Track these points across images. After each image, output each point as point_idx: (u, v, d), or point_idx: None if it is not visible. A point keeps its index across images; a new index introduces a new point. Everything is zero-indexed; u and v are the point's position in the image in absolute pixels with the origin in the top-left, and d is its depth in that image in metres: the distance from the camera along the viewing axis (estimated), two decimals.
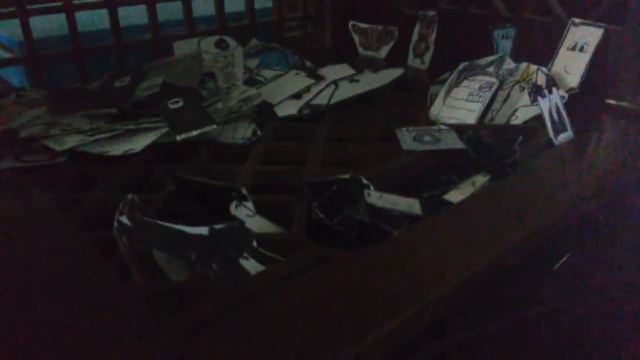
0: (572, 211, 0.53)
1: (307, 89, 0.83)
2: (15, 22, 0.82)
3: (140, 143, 0.65)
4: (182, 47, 0.93)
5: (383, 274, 0.42)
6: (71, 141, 0.64)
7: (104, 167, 0.63)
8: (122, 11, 0.90)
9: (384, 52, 1.06)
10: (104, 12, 0.88)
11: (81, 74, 0.87)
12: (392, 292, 0.40)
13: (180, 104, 0.71)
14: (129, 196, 0.49)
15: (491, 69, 0.77)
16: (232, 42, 0.91)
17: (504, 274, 0.47)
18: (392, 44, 1.05)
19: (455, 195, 0.56)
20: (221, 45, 0.90)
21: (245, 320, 0.38)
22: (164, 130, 0.66)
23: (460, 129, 0.68)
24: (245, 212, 0.51)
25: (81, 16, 0.87)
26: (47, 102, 0.76)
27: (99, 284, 0.42)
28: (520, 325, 0.48)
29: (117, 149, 0.64)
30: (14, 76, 0.95)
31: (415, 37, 1.00)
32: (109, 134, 0.66)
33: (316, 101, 0.81)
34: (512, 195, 0.55)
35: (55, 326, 0.37)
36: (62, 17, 0.85)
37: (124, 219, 0.45)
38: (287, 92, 0.82)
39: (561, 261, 0.55)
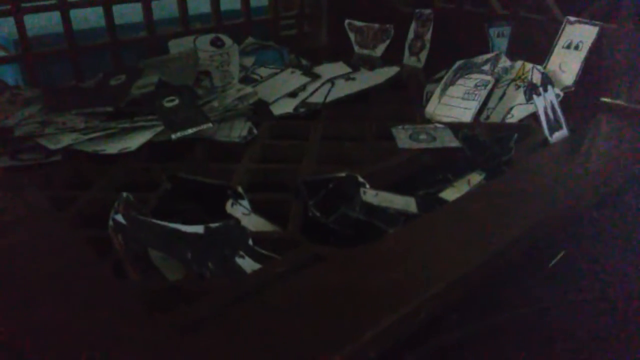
0: (567, 209, 0.53)
1: (303, 87, 0.83)
2: (10, 20, 0.81)
3: (135, 141, 0.64)
4: (177, 46, 0.93)
5: (379, 272, 0.42)
6: (66, 140, 0.64)
7: (99, 165, 0.63)
8: (117, 9, 0.89)
9: (380, 50, 1.06)
10: (99, 10, 0.88)
11: (76, 72, 0.87)
12: (388, 290, 0.40)
13: (176, 102, 0.71)
14: (124, 195, 0.49)
15: (487, 67, 0.78)
16: (227, 41, 0.91)
17: (499, 272, 0.47)
18: (388, 42, 1.05)
19: (450, 194, 0.56)
20: (217, 43, 0.90)
21: (242, 319, 0.38)
22: (160, 128, 0.66)
23: (456, 127, 0.68)
24: (241, 211, 0.51)
25: (76, 14, 0.86)
26: (42, 101, 0.75)
27: (94, 283, 0.42)
28: (515, 323, 0.48)
29: (112, 148, 0.64)
30: (9, 74, 0.95)
31: (411, 35, 1.00)
32: (104, 133, 0.66)
33: (312, 99, 0.81)
34: (507, 193, 0.55)
35: (51, 325, 0.37)
36: (57, 14, 0.85)
37: (120, 218, 0.45)
38: (283, 90, 0.82)
39: (556, 259, 0.56)
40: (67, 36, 0.86)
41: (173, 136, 0.65)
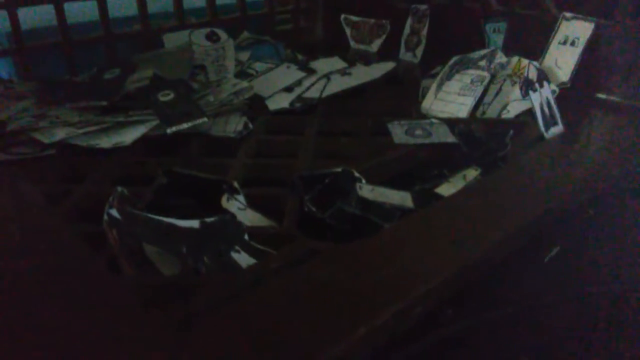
0: (562, 204, 0.53)
1: (299, 82, 0.83)
2: (3, 13, 0.81)
3: (130, 136, 0.64)
4: (172, 40, 0.92)
5: (375, 267, 0.42)
6: (60, 134, 0.64)
7: (94, 159, 0.62)
8: (112, 2, 0.89)
9: (376, 45, 1.06)
10: (93, 4, 0.87)
11: (70, 66, 0.86)
12: (384, 285, 0.40)
13: (171, 96, 0.70)
14: (119, 189, 0.49)
15: (483, 63, 0.78)
16: (223, 35, 0.90)
17: (495, 267, 0.47)
18: (384, 37, 1.05)
19: (446, 189, 0.56)
20: (212, 37, 0.90)
21: (237, 314, 0.38)
22: (155, 122, 0.66)
23: (451, 123, 0.68)
24: (236, 206, 0.51)
25: (70, 7, 0.86)
26: (36, 94, 0.75)
27: (89, 278, 0.42)
28: (512, 318, 0.48)
29: (106, 142, 0.63)
30: (2, 68, 0.94)
31: (407, 30, 1.00)
32: (98, 127, 0.65)
33: (308, 94, 0.81)
34: (502, 188, 0.55)
35: (45, 320, 0.37)
36: (51, 8, 0.84)
37: (114, 212, 0.45)
38: (279, 85, 0.82)
39: (551, 254, 0.56)
40: (61, 30, 0.85)
41: (168, 130, 0.64)
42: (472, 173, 0.58)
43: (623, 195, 0.61)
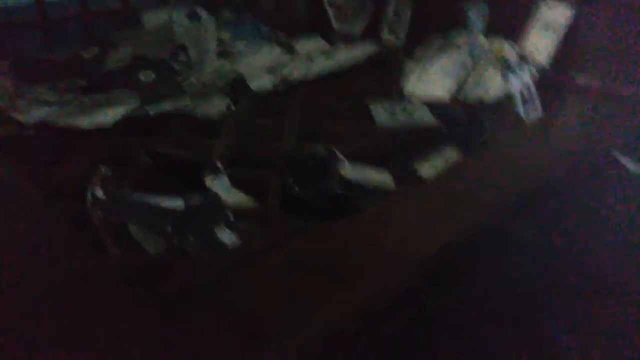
0: (541, 186, 0.54)
1: (282, 63, 0.82)
2: None
3: (110, 117, 0.63)
4: (152, 18, 0.91)
5: (356, 247, 0.43)
6: (39, 113, 0.63)
7: (75, 139, 0.61)
8: None
9: (358, 26, 1.05)
10: None
11: (47, 44, 0.85)
12: (365, 264, 0.41)
13: (153, 77, 0.70)
14: (103, 169, 0.49)
15: (465, 46, 0.78)
16: (203, 14, 0.89)
17: (474, 247, 0.48)
18: (366, 18, 1.04)
19: (427, 170, 0.57)
20: (193, 16, 0.88)
21: (221, 292, 0.38)
22: (136, 103, 0.65)
23: (433, 105, 0.69)
24: (220, 186, 0.51)
25: None
26: (13, 73, 0.73)
27: (72, 258, 0.42)
28: (491, 295, 0.50)
29: (87, 122, 0.63)
30: None
31: (390, 12, 1.00)
32: (77, 107, 0.64)
33: (291, 76, 0.80)
34: (482, 171, 0.56)
35: (29, 300, 0.37)
36: None
37: (98, 192, 0.45)
38: (262, 66, 0.82)
39: (532, 243, 0.57)
40: (38, 7, 0.83)
41: (150, 111, 0.64)
42: (452, 155, 0.59)
43: (603, 177, 0.63)
